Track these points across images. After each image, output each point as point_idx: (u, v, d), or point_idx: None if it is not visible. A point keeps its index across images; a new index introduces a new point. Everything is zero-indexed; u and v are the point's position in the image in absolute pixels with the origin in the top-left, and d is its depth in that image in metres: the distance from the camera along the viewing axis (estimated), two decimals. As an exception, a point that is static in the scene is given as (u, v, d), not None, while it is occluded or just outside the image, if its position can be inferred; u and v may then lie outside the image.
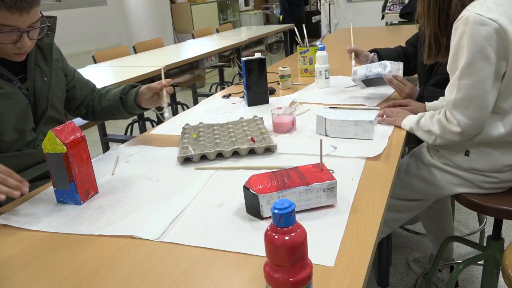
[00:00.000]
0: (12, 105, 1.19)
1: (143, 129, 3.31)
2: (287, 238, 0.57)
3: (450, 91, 1.23)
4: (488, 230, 2.15)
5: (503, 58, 1.16)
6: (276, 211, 0.57)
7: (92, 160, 1.30)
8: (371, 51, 2.01)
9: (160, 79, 1.37)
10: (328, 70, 1.94)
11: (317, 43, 2.07)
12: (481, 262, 1.58)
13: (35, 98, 1.26)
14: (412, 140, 1.89)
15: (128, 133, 3.55)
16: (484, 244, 1.54)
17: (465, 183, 1.36)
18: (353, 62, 1.90)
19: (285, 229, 0.57)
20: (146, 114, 3.37)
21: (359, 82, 1.77)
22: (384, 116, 1.44)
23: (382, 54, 1.98)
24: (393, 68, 1.67)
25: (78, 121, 1.97)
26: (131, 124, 3.55)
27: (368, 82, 1.75)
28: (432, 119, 1.30)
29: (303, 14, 7.41)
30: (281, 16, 7.57)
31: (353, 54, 1.93)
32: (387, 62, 1.68)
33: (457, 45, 1.19)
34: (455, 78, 1.21)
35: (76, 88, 1.43)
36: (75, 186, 1.03)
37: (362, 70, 1.73)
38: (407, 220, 1.60)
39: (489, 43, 1.13)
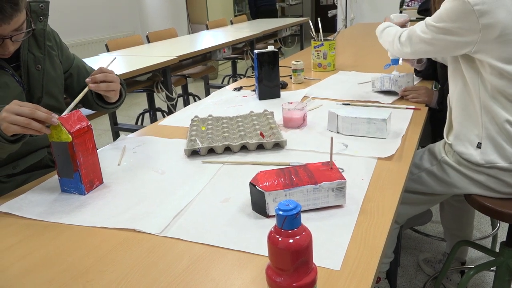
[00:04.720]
0: (5, 93, 1.15)
1: (153, 119, 3.30)
2: (291, 241, 0.54)
3: (419, 25, 1.30)
4: (501, 235, 2.10)
5: (475, 33, 1.17)
6: (280, 212, 0.54)
7: (99, 150, 1.29)
8: None
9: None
10: None
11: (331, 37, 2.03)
12: (493, 268, 1.54)
13: (29, 85, 1.22)
14: (426, 140, 1.84)
15: (139, 123, 3.55)
16: (497, 250, 1.50)
17: (478, 184, 1.32)
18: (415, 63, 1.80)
19: (290, 231, 0.54)
20: (157, 104, 3.36)
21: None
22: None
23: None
24: (402, 82, 1.66)
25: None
26: (142, 114, 3.54)
27: (387, 92, 1.74)
28: (389, 33, 1.47)
29: (274, 6, 7.17)
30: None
31: None
32: (397, 76, 1.66)
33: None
34: (429, 19, 1.26)
35: (73, 77, 1.37)
36: (80, 176, 1.02)
37: (378, 83, 1.73)
38: (415, 214, 1.55)
39: (466, 18, 1.16)
